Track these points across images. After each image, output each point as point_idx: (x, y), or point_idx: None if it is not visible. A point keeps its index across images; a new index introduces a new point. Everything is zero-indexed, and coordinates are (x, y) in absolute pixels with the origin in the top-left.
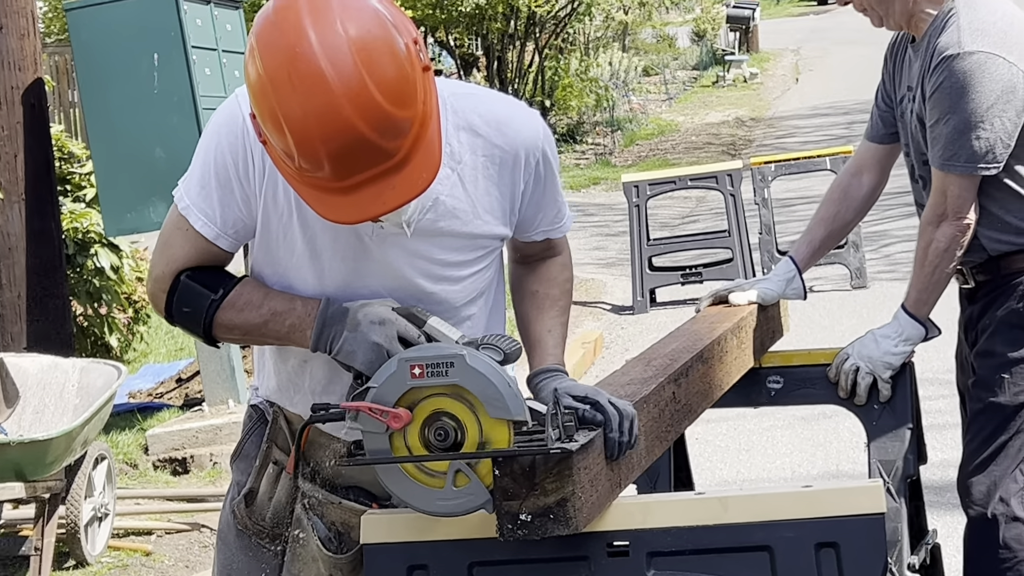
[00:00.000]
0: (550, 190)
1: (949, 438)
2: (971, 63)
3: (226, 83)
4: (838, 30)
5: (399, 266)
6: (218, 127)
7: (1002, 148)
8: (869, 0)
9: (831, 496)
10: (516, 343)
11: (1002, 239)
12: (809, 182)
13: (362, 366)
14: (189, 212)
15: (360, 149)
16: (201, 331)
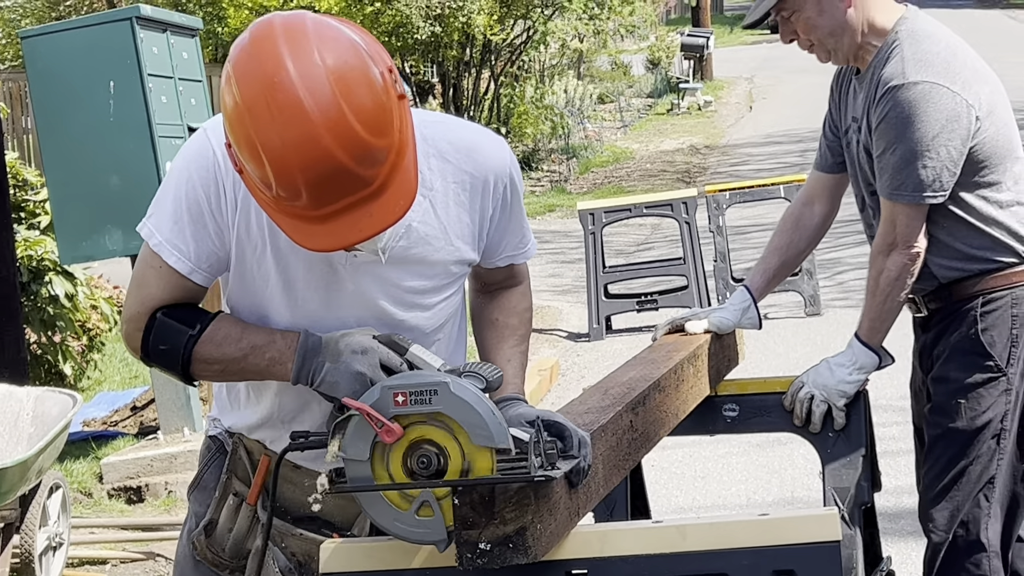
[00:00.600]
0: (516, 216)
1: (903, 465)
2: (916, 93)
3: (182, 111)
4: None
5: (372, 294)
6: (188, 161)
7: (948, 176)
8: (817, 37)
9: (787, 524)
10: (499, 371)
11: (951, 266)
12: (763, 210)
13: (346, 396)
14: (162, 248)
15: (338, 177)
16: (179, 367)
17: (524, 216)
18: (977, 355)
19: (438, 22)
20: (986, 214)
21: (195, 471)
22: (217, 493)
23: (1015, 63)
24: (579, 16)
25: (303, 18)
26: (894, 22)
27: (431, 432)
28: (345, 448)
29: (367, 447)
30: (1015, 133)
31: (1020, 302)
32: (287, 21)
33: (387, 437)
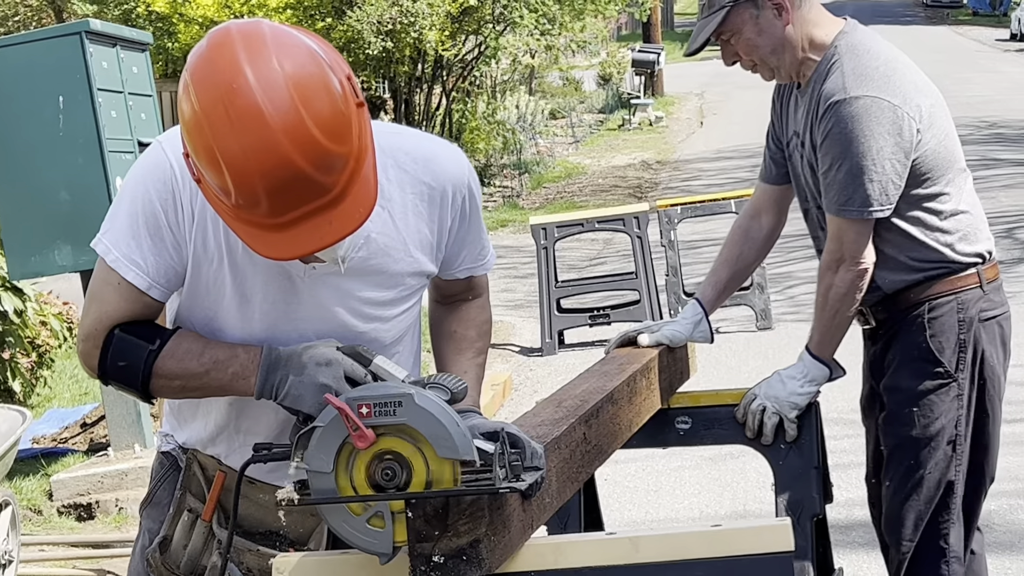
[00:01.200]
0: (474, 227)
1: (854, 477)
2: (857, 107)
3: (132, 125)
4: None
5: (331, 306)
6: (143, 175)
7: (893, 190)
8: (759, 56)
9: (740, 535)
10: (463, 382)
11: (896, 278)
12: (715, 224)
13: (311, 409)
14: (119, 264)
15: (298, 184)
16: (139, 383)
17: (483, 228)
18: (926, 362)
19: (389, 37)
20: (929, 224)
21: (146, 488)
22: (171, 509)
23: (963, 79)
24: (530, 32)
25: (260, 26)
26: (833, 36)
27: (395, 444)
28: (308, 460)
29: (331, 459)
30: (956, 144)
31: (966, 307)
32: (245, 29)
33: (360, 442)
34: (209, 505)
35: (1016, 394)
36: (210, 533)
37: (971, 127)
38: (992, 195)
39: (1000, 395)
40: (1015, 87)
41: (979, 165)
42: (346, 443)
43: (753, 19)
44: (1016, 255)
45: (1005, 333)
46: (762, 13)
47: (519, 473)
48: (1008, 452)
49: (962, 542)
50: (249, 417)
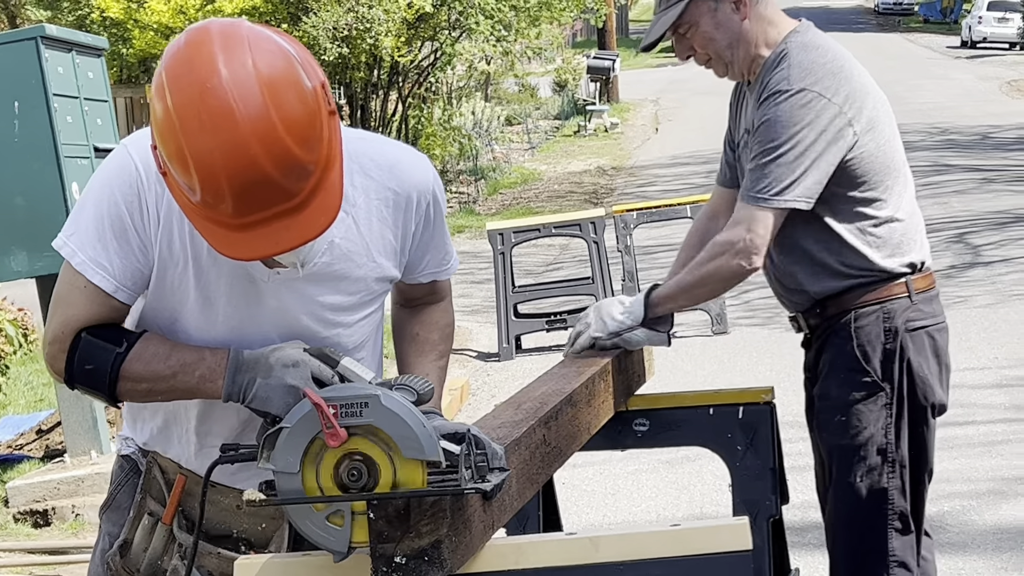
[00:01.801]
0: (438, 233)
1: (808, 479)
2: (795, 101)
3: (88, 131)
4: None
5: (294, 311)
6: (109, 178)
7: (813, 185)
8: (715, 50)
9: (698, 535)
10: (429, 383)
11: (826, 284)
12: (670, 230)
13: (279, 410)
14: (85, 267)
15: (263, 187)
16: (106, 387)
17: (446, 233)
18: (854, 371)
19: (345, 44)
20: (861, 229)
21: (103, 494)
22: (131, 513)
23: (915, 85)
24: (486, 38)
25: (240, 27)
26: (785, 34)
27: (362, 444)
28: (275, 460)
29: (297, 459)
30: (896, 151)
31: (892, 316)
32: (224, 28)
33: (332, 441)
34: (170, 508)
35: (967, 397)
36: (171, 536)
37: (923, 133)
38: (944, 200)
39: (935, 404)
40: (966, 94)
41: (931, 171)
42: (313, 443)
43: (711, 12)
44: (967, 260)
45: (938, 345)
46: (720, 7)
47: (484, 474)
48: (959, 454)
49: (909, 548)
50: (209, 419)
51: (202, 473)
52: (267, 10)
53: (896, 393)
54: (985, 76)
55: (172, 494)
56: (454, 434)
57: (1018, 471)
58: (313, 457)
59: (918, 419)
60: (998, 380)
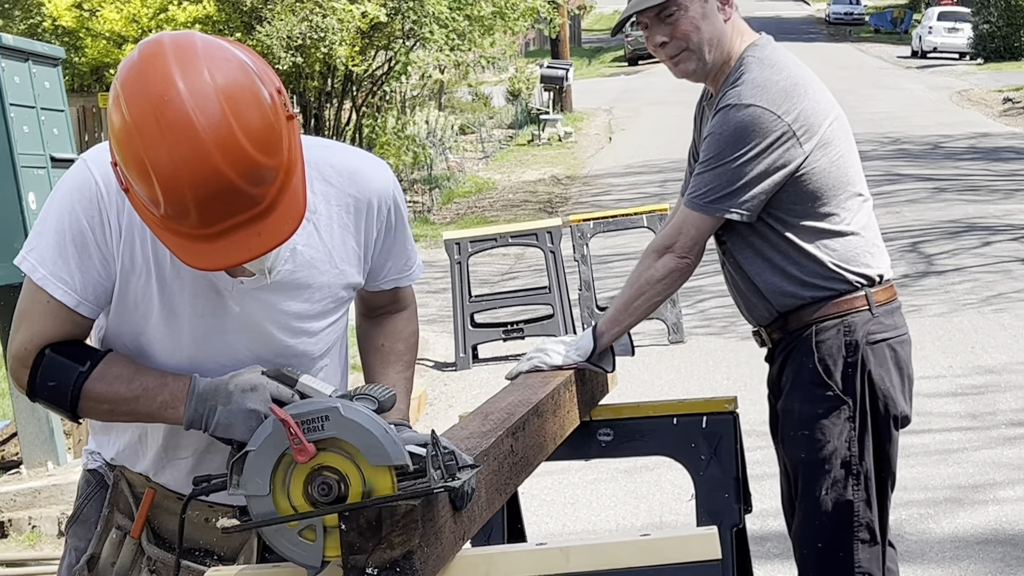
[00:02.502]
0: (400, 238)
1: (767, 488)
2: (745, 115)
3: (44, 141)
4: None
5: (259, 321)
6: (69, 192)
7: (752, 199)
8: (697, 41)
9: (668, 544)
10: (391, 391)
11: (786, 291)
12: (627, 239)
13: (242, 436)
14: (46, 283)
15: (227, 196)
16: (67, 404)
17: (409, 239)
18: (816, 385)
19: (299, 53)
20: (819, 242)
21: (61, 505)
22: (99, 527)
23: (867, 95)
24: (440, 47)
25: (192, 37)
26: (746, 47)
27: (329, 459)
28: (244, 485)
29: (266, 481)
30: (852, 167)
31: (852, 329)
32: (176, 40)
33: (300, 456)
34: (138, 522)
35: (922, 406)
36: (139, 550)
37: (875, 143)
38: (896, 210)
39: (897, 416)
40: (917, 103)
41: (884, 180)
42: (280, 463)
43: (702, 1)
44: (921, 269)
45: (900, 357)
46: (707, 2)
47: (454, 472)
48: (916, 463)
49: (876, 560)
50: (177, 434)
51: (172, 487)
52: (220, 19)
53: (859, 406)
54: (936, 86)
55: (140, 508)
56: (424, 444)
57: (974, 479)
58: (282, 477)
59: (881, 431)
60: (953, 389)
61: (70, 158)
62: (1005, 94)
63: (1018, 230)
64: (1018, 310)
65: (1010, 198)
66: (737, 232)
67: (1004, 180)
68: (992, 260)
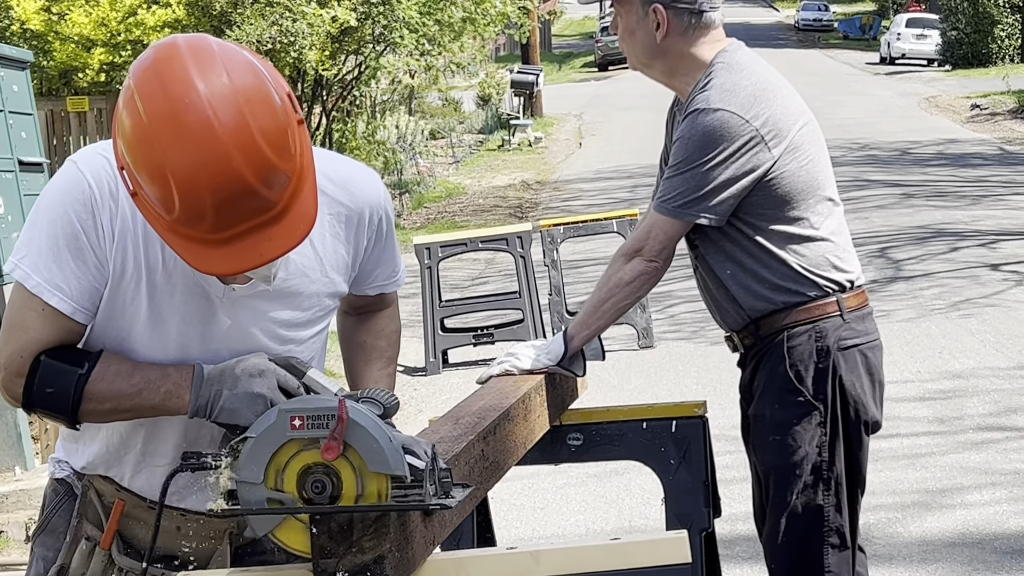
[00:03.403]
0: (389, 248)
1: (736, 492)
2: (713, 119)
3: (12, 144)
4: (619, 96)
5: (248, 328)
6: (61, 196)
7: (720, 204)
8: (628, 47)
9: (638, 548)
10: (395, 397)
11: (760, 294)
12: (597, 244)
13: (247, 421)
14: (41, 290)
15: (244, 199)
16: (68, 409)
17: (396, 248)
18: (787, 391)
19: (269, 57)
20: (789, 247)
21: (28, 510)
22: (68, 537)
23: (835, 101)
24: (410, 52)
25: (207, 39)
26: (715, 54)
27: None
28: (239, 470)
29: (261, 470)
30: (822, 171)
31: (824, 335)
32: (192, 42)
33: (328, 454)
34: (108, 533)
35: (891, 410)
36: (109, 561)
37: (844, 149)
38: (865, 215)
39: (868, 421)
40: (886, 109)
41: (852, 186)
42: (277, 454)
43: (641, 14)
44: (889, 274)
45: (871, 363)
46: (647, 18)
47: (448, 490)
48: (884, 467)
49: (845, 564)
50: (156, 439)
51: (145, 494)
52: (190, 23)
53: (830, 412)
54: (904, 92)
55: (111, 518)
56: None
57: (942, 483)
58: (275, 469)
59: (852, 437)
60: (920, 393)
61: (38, 162)
62: (973, 100)
63: (985, 236)
64: (985, 315)
65: (977, 204)
66: (709, 237)
67: (972, 186)
68: (960, 266)
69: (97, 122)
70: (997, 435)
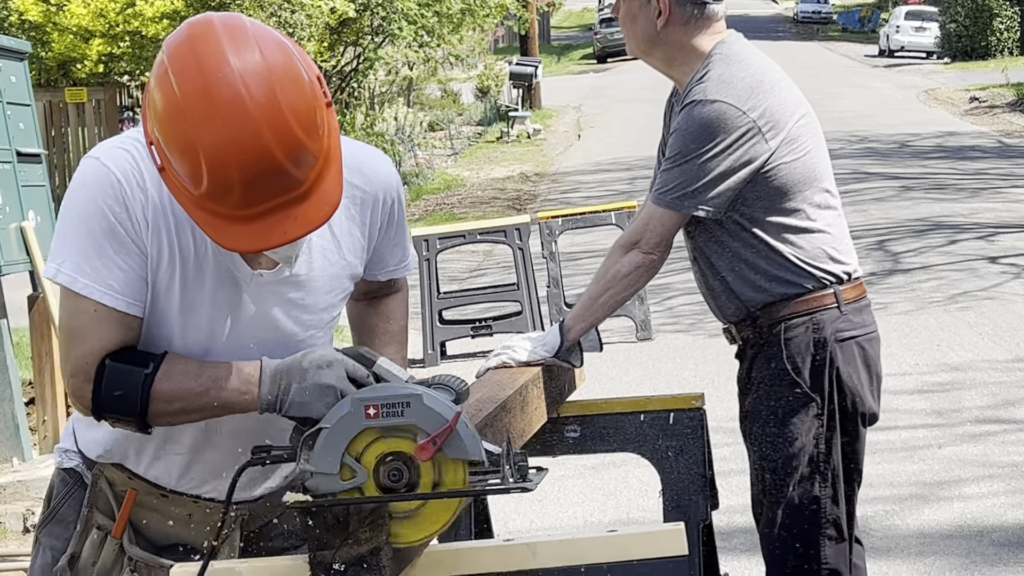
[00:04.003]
0: (400, 232)
1: (735, 484)
2: (710, 110)
3: (10, 135)
4: (618, 88)
5: (274, 315)
6: (90, 192)
7: (717, 196)
8: (628, 32)
9: (636, 540)
10: (465, 383)
11: (758, 285)
12: (595, 236)
13: (318, 413)
14: (91, 291)
15: (273, 176)
16: (137, 410)
17: (407, 233)
18: (785, 383)
19: None
20: (786, 238)
21: (26, 501)
22: (79, 527)
23: (834, 93)
24: (409, 44)
25: (240, 18)
26: (713, 45)
27: (400, 444)
28: (315, 461)
29: (337, 460)
30: (820, 163)
31: (821, 327)
32: (227, 20)
33: (423, 454)
34: (120, 522)
35: (888, 403)
36: (120, 550)
37: (842, 141)
38: (863, 208)
39: (865, 413)
40: (884, 102)
41: (851, 179)
42: (352, 444)
43: (643, 1)
44: (887, 267)
45: (868, 355)
46: (648, 5)
47: (525, 473)
48: (882, 459)
49: (842, 556)
50: (177, 428)
51: (161, 482)
52: (188, 14)
53: (827, 404)
54: (903, 85)
55: (123, 507)
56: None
57: (939, 476)
58: (353, 457)
59: (849, 429)
60: (918, 386)
61: (36, 153)
62: (971, 93)
63: (983, 228)
64: (983, 308)
65: (976, 196)
66: (706, 228)
67: (970, 179)
68: (958, 258)
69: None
70: (995, 428)
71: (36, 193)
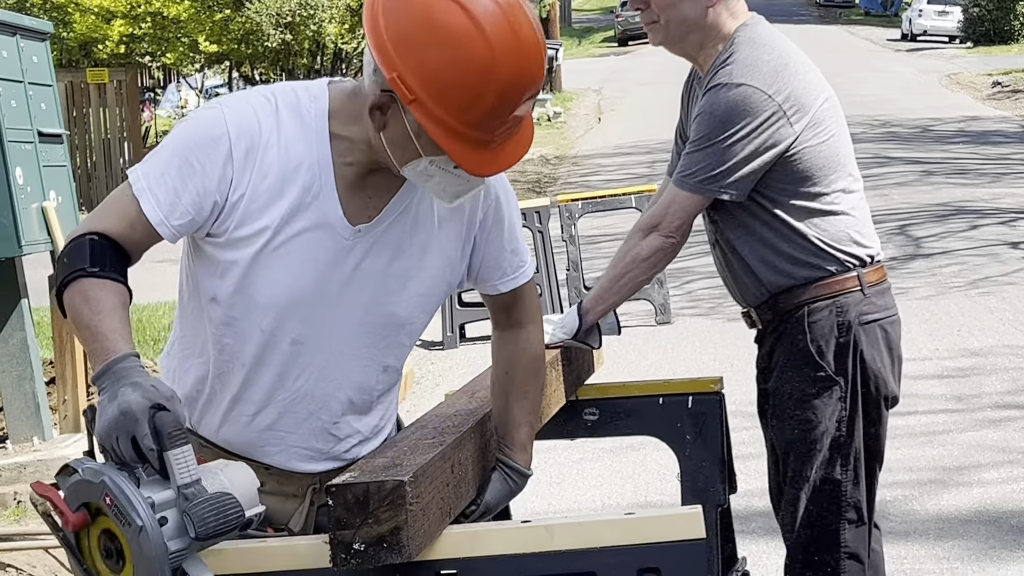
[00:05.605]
0: (510, 233)
1: (752, 468)
2: (736, 94)
3: (32, 115)
4: (639, 71)
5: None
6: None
7: (742, 179)
8: (668, 18)
9: (653, 523)
10: (231, 521)
11: (780, 269)
12: (615, 219)
13: (96, 435)
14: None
15: (530, 103)
16: (57, 287)
17: (519, 235)
18: (808, 366)
19: (289, 30)
20: (809, 221)
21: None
22: None
23: (856, 77)
24: None
25: None
26: (736, 27)
27: (116, 527)
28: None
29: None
30: (844, 146)
31: (844, 310)
32: None
33: (67, 526)
34: None
35: (908, 387)
36: None
37: (864, 125)
38: (885, 192)
39: (888, 396)
40: (907, 86)
41: (872, 163)
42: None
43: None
44: (909, 252)
45: (890, 338)
46: None
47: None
48: (902, 444)
49: (861, 540)
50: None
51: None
52: None
53: (850, 386)
54: (925, 69)
55: None
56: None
57: (959, 461)
58: None
59: (871, 412)
60: (939, 371)
61: (57, 133)
62: (994, 78)
63: (1005, 213)
64: (1004, 293)
65: (998, 182)
66: (728, 211)
67: (992, 164)
68: (979, 243)
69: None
70: (1015, 413)
71: (57, 173)
